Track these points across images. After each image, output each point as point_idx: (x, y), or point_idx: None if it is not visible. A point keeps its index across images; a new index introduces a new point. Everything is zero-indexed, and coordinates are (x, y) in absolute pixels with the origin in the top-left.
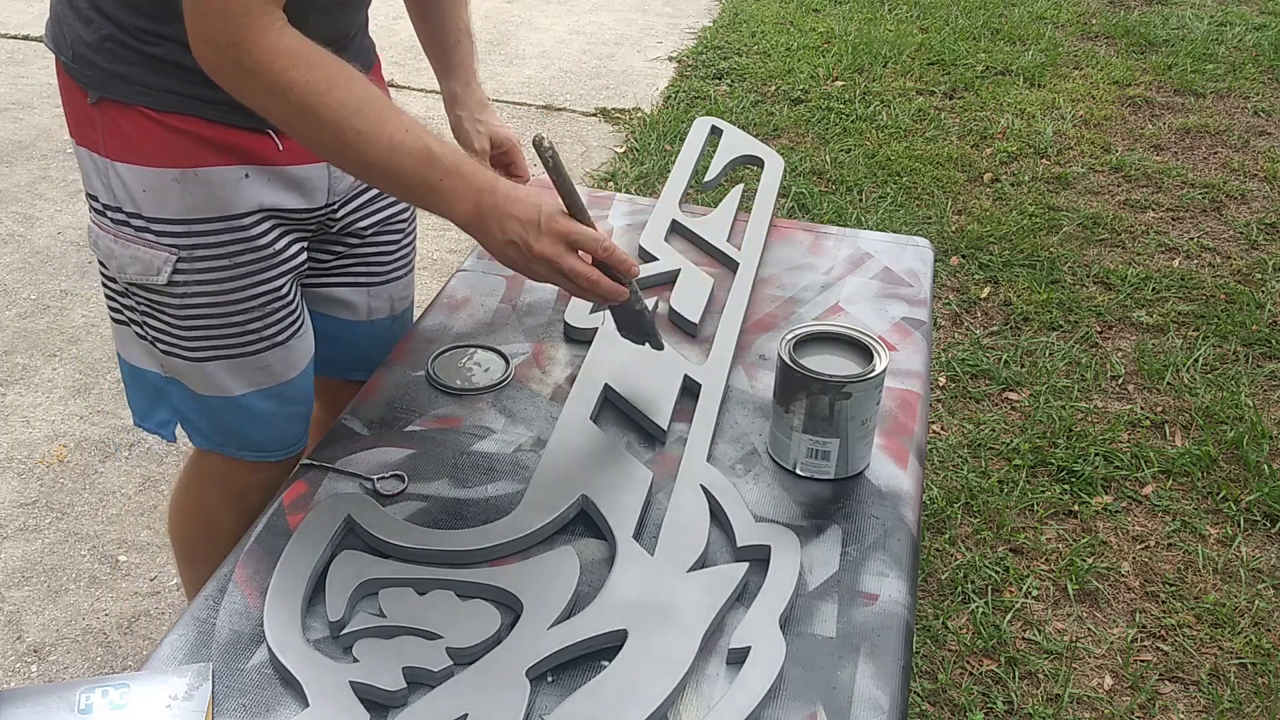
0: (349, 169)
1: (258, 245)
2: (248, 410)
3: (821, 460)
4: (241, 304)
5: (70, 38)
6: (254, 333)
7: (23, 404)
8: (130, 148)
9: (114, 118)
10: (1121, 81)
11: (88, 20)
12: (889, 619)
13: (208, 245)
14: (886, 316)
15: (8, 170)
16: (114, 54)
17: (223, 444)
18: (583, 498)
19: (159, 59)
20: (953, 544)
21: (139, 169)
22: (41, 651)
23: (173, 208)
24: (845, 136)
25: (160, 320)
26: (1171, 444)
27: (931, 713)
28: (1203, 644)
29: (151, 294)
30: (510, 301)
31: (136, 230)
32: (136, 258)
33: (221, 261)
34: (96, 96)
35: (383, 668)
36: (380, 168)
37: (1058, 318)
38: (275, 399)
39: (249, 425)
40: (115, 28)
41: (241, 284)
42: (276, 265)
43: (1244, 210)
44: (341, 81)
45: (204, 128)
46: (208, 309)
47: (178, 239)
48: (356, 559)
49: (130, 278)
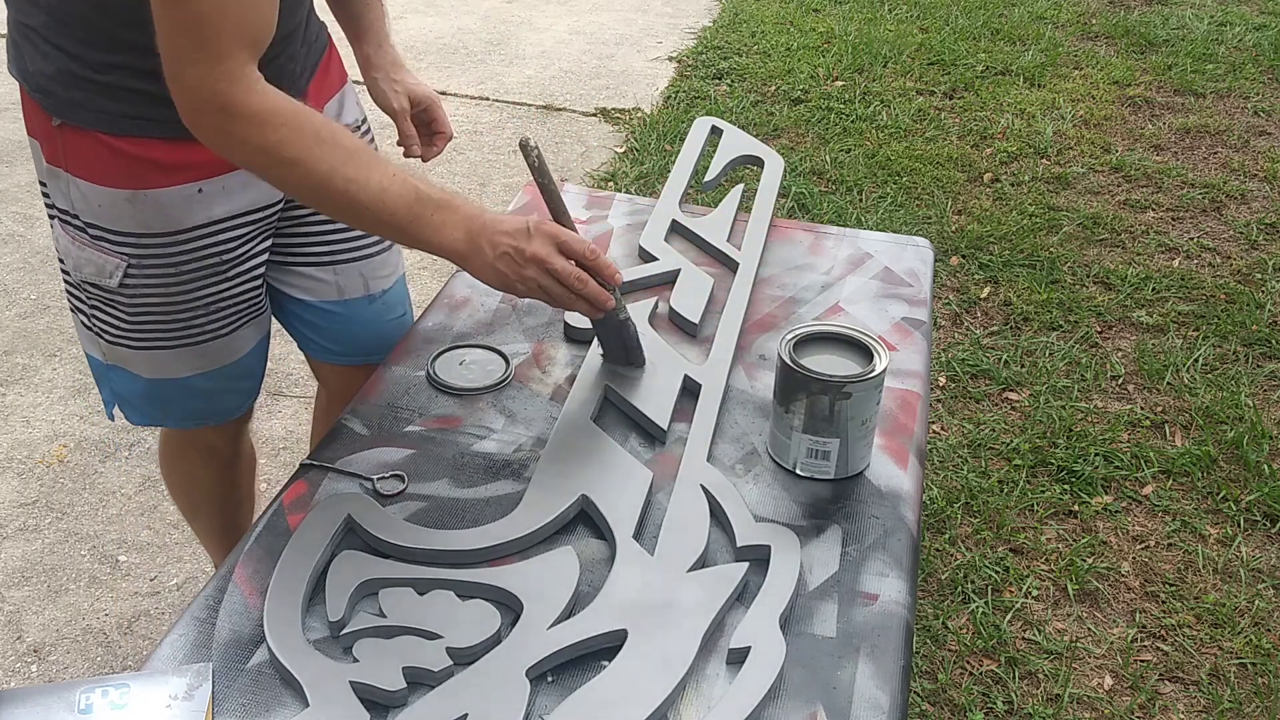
0: (341, 216)
1: (204, 255)
2: (190, 388)
3: (821, 460)
4: (187, 306)
5: (32, 69)
6: (197, 328)
7: (23, 404)
8: (87, 168)
9: (74, 140)
10: (1121, 81)
11: (45, 54)
12: (889, 619)
13: (156, 256)
14: (886, 316)
15: (8, 170)
16: (71, 83)
17: (163, 419)
18: (583, 498)
19: (112, 86)
20: (953, 544)
21: (95, 187)
22: (41, 651)
23: (125, 222)
24: (845, 136)
25: (109, 314)
26: (1171, 444)
27: (931, 713)
28: (1203, 644)
29: (103, 292)
30: (510, 301)
31: (91, 237)
32: (90, 260)
33: (169, 270)
34: (59, 121)
35: (383, 668)
36: (373, 211)
37: (1058, 318)
38: (218, 378)
39: (190, 401)
40: (70, 60)
41: (187, 289)
42: (223, 270)
43: (1244, 210)
44: (327, 136)
45: (157, 148)
46: (155, 309)
47: (129, 249)
48: (356, 559)
49: (84, 276)
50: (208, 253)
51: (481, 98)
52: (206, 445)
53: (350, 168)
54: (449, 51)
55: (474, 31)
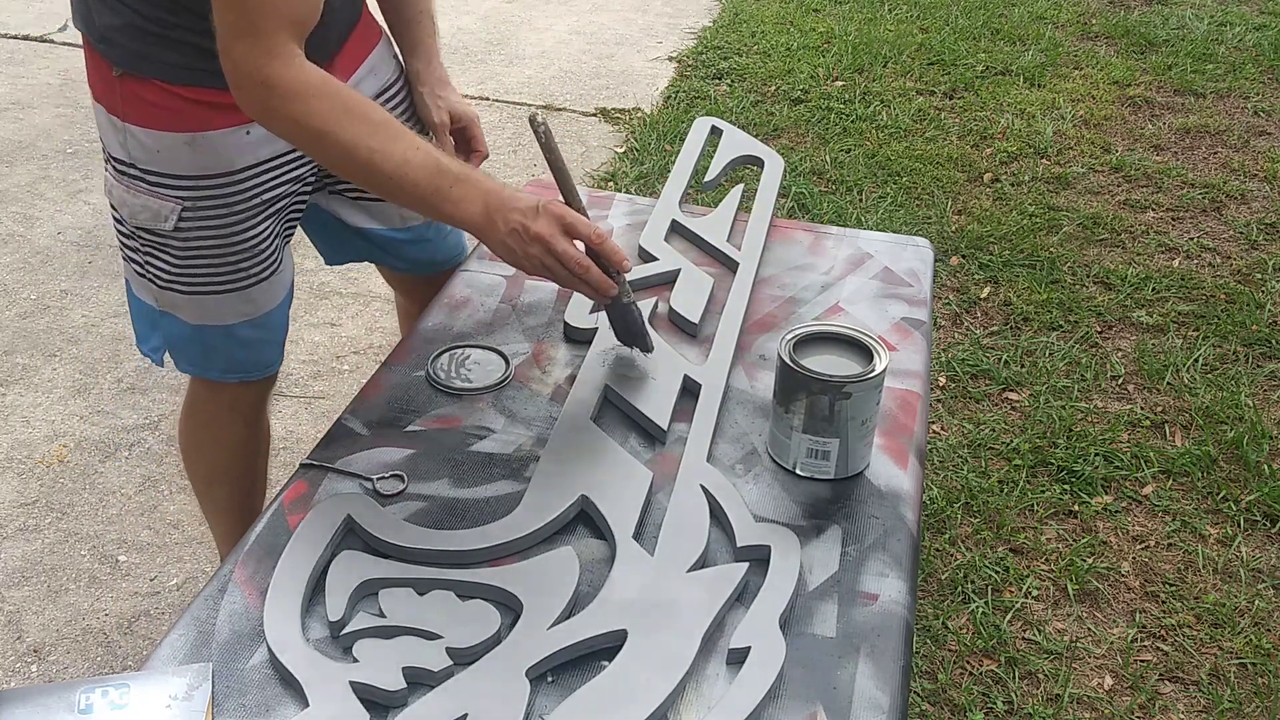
0: (367, 185)
1: (252, 195)
2: (234, 337)
3: (821, 460)
4: (235, 248)
5: (99, 23)
6: (243, 271)
7: (23, 404)
8: (148, 115)
9: (135, 89)
10: (1121, 81)
11: (112, 9)
12: (889, 619)
13: (209, 198)
14: (886, 316)
15: (8, 170)
16: (135, 36)
17: (206, 369)
18: (583, 498)
19: (172, 39)
20: (953, 544)
21: (154, 133)
22: (41, 651)
23: (182, 165)
24: (845, 136)
25: (162, 260)
26: (1171, 444)
27: (931, 713)
28: (1203, 644)
29: (158, 237)
30: (510, 301)
31: (148, 184)
32: (146, 206)
33: (221, 211)
34: (120, 71)
35: (383, 668)
36: (396, 181)
37: (1058, 318)
38: (258, 328)
39: (234, 350)
40: (137, 15)
41: (236, 229)
42: (264, 212)
43: (1244, 210)
44: (356, 109)
45: (213, 95)
46: (206, 251)
47: (184, 192)
48: (356, 559)
49: (139, 223)
50: (255, 192)
51: (481, 98)
52: (232, 407)
53: (375, 139)
54: (449, 51)
55: (474, 31)
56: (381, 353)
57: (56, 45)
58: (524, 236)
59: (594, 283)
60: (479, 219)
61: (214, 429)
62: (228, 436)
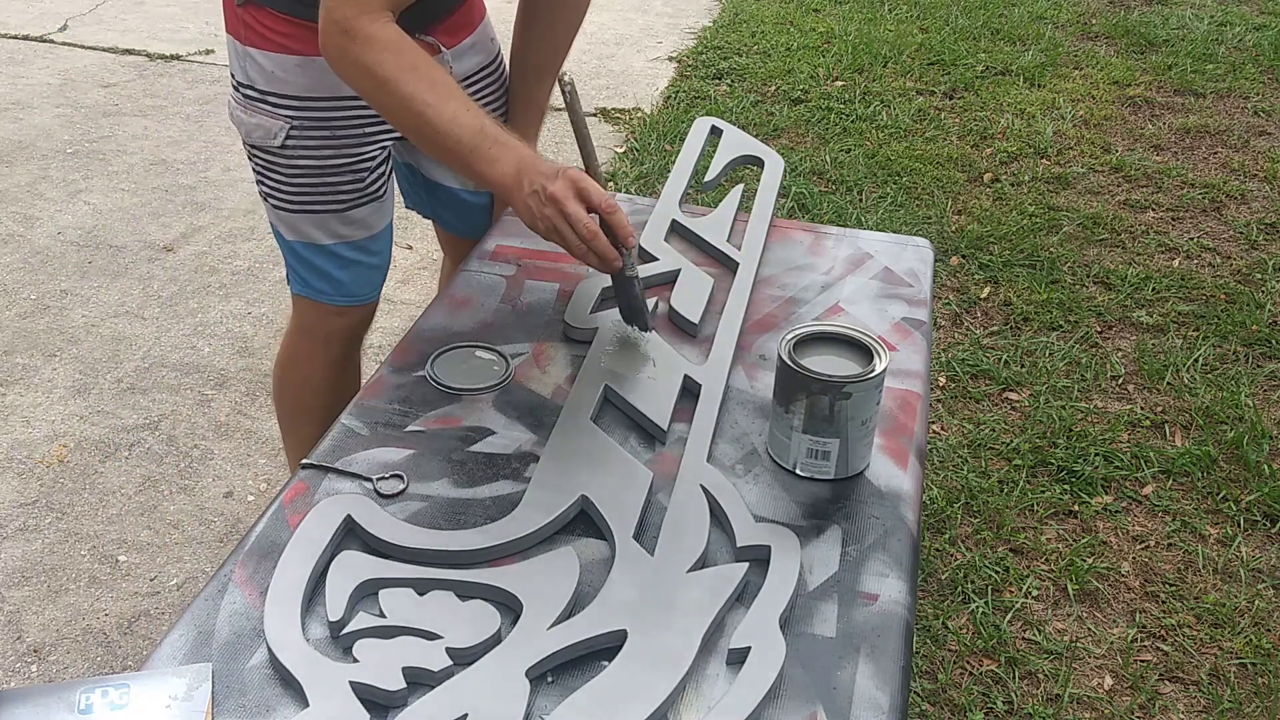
0: (414, 137)
1: (354, 123)
2: (335, 257)
3: (821, 460)
4: (337, 168)
5: None
6: (344, 193)
7: (23, 404)
8: (265, 39)
9: (254, 16)
10: (1121, 81)
11: None
12: (889, 619)
13: (316, 118)
14: (886, 316)
15: (8, 170)
16: None
17: (307, 285)
18: (583, 498)
19: None
20: (953, 544)
21: (270, 55)
22: (41, 651)
23: (293, 87)
24: (845, 136)
25: (273, 178)
26: (1171, 444)
27: (931, 713)
28: (1203, 644)
29: (268, 155)
30: (510, 301)
31: (263, 105)
32: (260, 125)
33: (324, 132)
34: (243, 1)
35: (383, 668)
36: (443, 135)
37: (1058, 318)
38: (358, 250)
39: (335, 270)
40: None
41: (339, 150)
42: (369, 138)
43: (1244, 210)
44: (421, 66)
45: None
46: (309, 170)
47: (293, 112)
48: (356, 559)
49: (253, 141)
50: (358, 121)
51: None
52: (324, 334)
53: (432, 95)
54: None
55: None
56: (381, 353)
57: (56, 45)
58: (541, 197)
59: (599, 250)
60: (510, 179)
61: (306, 368)
62: (318, 376)
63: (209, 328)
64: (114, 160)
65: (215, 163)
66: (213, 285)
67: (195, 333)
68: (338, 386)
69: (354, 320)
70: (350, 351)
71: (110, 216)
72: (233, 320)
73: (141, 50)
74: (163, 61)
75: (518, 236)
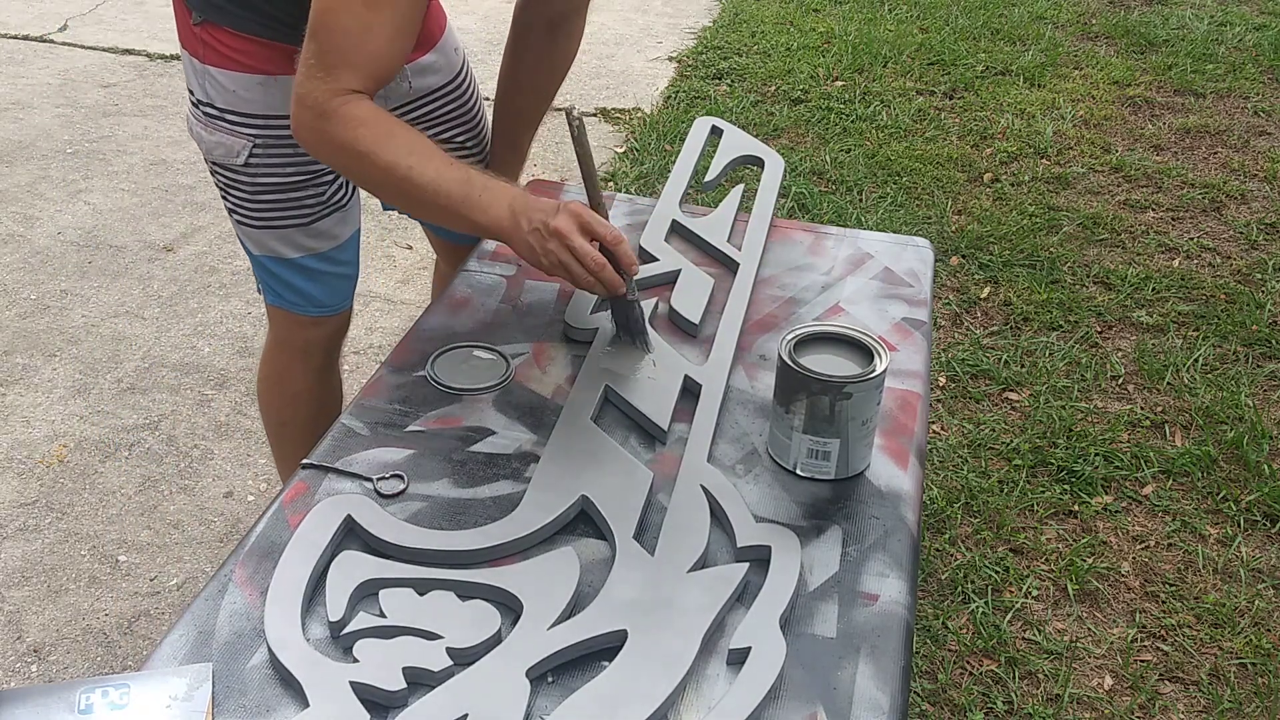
0: (403, 202)
1: None
2: (303, 270)
3: (822, 460)
4: (300, 183)
5: None
6: (307, 207)
7: (23, 404)
8: (225, 58)
9: (214, 33)
10: (1121, 81)
11: None
12: (889, 619)
13: (279, 137)
14: (887, 317)
15: (8, 170)
16: None
17: (280, 297)
18: (583, 498)
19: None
20: (953, 544)
21: (231, 74)
22: (41, 651)
23: (255, 105)
24: (845, 136)
25: (236, 194)
26: (1171, 444)
27: (931, 713)
28: (1203, 644)
29: (230, 172)
30: (510, 301)
31: (225, 123)
32: (221, 143)
33: (287, 149)
34: (200, 19)
35: (383, 668)
36: (430, 193)
37: (1058, 318)
38: (325, 261)
39: (303, 283)
40: None
41: (301, 167)
42: None
43: (1244, 210)
44: (398, 133)
45: (280, 46)
46: (272, 186)
47: (255, 130)
48: (356, 559)
49: (215, 159)
50: None
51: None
52: (303, 344)
53: (411, 157)
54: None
55: (474, 31)
56: (381, 353)
57: (56, 45)
58: (545, 233)
59: (607, 281)
60: (506, 221)
61: (285, 380)
62: (297, 387)
63: (209, 328)
64: (114, 160)
65: None
66: (213, 285)
67: (195, 333)
68: (321, 396)
69: (330, 330)
70: (330, 361)
71: (110, 216)
72: (233, 320)
73: (141, 50)
74: (163, 61)
75: None
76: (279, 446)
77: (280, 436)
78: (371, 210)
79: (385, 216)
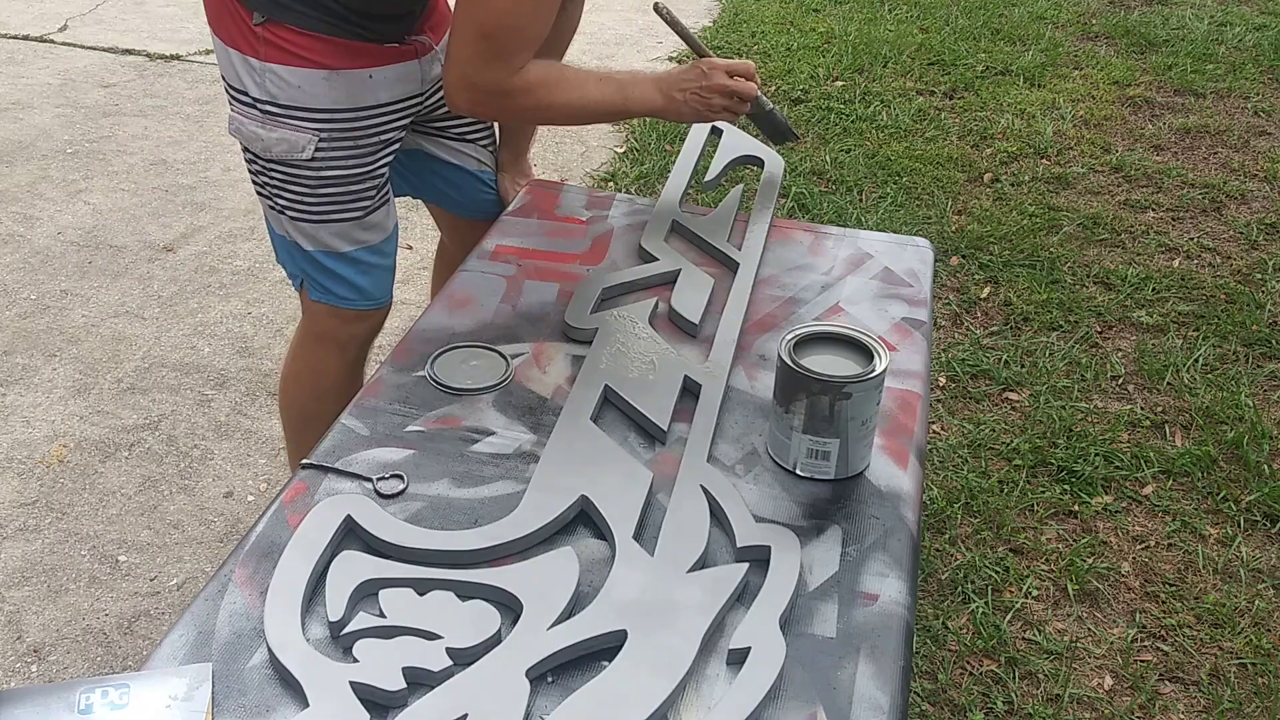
0: (574, 123)
1: (374, 131)
2: (355, 263)
3: (821, 460)
4: (359, 177)
5: None
6: (366, 199)
7: (23, 404)
8: (289, 55)
9: (277, 31)
10: (1121, 81)
11: None
12: (889, 619)
13: (343, 130)
14: (886, 317)
15: (8, 170)
16: None
17: (330, 293)
18: (583, 498)
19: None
20: (953, 544)
21: (296, 70)
22: (41, 651)
23: (320, 100)
24: (845, 136)
25: (294, 189)
26: (1172, 444)
27: (931, 713)
28: (1203, 644)
29: (292, 168)
30: (510, 301)
31: (289, 120)
32: (284, 139)
33: (349, 142)
34: (263, 18)
35: (383, 668)
36: (599, 112)
37: (1058, 318)
38: (375, 253)
39: (355, 276)
40: None
41: (362, 159)
42: (385, 148)
43: (1244, 210)
44: (557, 78)
45: (344, 42)
46: (336, 180)
47: (321, 125)
48: (356, 559)
49: (274, 156)
50: (380, 128)
51: None
52: (343, 339)
53: (576, 92)
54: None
55: None
56: (381, 353)
57: (56, 45)
58: (704, 94)
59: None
60: (660, 101)
61: (319, 375)
62: (329, 383)
63: (209, 328)
64: (114, 160)
65: (215, 163)
66: (213, 285)
67: (195, 333)
68: (350, 392)
69: (373, 324)
70: (363, 355)
71: (110, 216)
72: (233, 320)
73: (141, 50)
74: (163, 61)
75: (518, 236)
76: (298, 442)
77: (302, 432)
78: None
79: None
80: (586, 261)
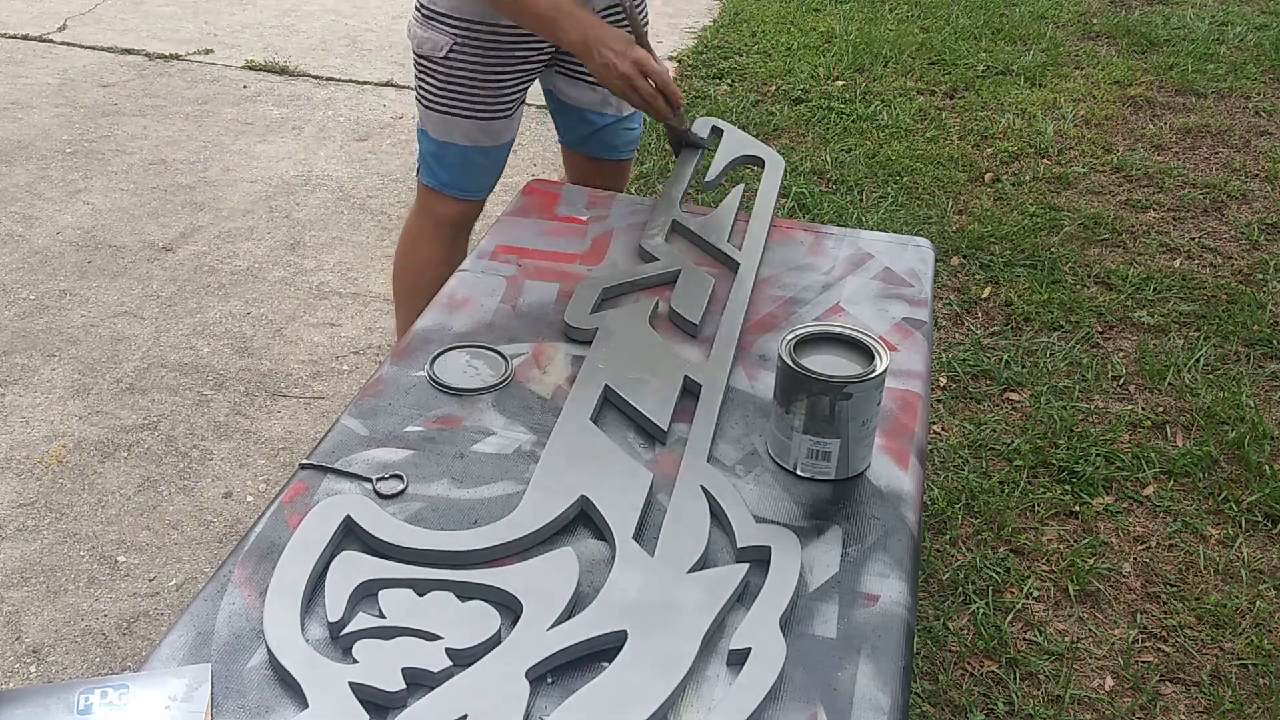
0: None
1: (508, 45)
2: (466, 157)
3: (822, 461)
4: (484, 84)
5: None
6: (486, 105)
7: (22, 404)
8: None
9: None
10: (1122, 81)
11: None
12: (890, 620)
13: (474, 39)
14: (887, 317)
15: (7, 170)
16: None
17: (435, 177)
18: (583, 498)
19: None
20: (953, 545)
21: None
22: (40, 652)
23: (462, 9)
24: (846, 136)
25: (430, 82)
26: (1173, 444)
27: (932, 714)
28: (1204, 645)
29: (431, 63)
30: (510, 301)
31: (435, 21)
32: (429, 38)
33: (480, 50)
34: None
35: (382, 668)
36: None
37: (1059, 318)
38: (485, 155)
39: (462, 169)
40: None
41: (489, 69)
42: (511, 66)
43: (1245, 210)
44: None
45: None
46: (463, 81)
47: (457, 30)
48: (356, 559)
49: (422, 51)
50: (508, 47)
51: None
52: (438, 226)
53: None
54: None
55: None
56: (381, 353)
57: (56, 45)
58: (614, 70)
59: (658, 109)
60: (579, 45)
61: (419, 245)
62: (428, 251)
63: (208, 328)
64: (113, 160)
65: (215, 163)
66: (212, 285)
67: (194, 333)
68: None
69: (470, 209)
70: (460, 233)
71: (109, 216)
72: (232, 320)
73: (141, 50)
74: (162, 61)
75: (518, 236)
76: (404, 309)
77: (409, 296)
78: (372, 211)
79: (385, 216)
80: (586, 261)
